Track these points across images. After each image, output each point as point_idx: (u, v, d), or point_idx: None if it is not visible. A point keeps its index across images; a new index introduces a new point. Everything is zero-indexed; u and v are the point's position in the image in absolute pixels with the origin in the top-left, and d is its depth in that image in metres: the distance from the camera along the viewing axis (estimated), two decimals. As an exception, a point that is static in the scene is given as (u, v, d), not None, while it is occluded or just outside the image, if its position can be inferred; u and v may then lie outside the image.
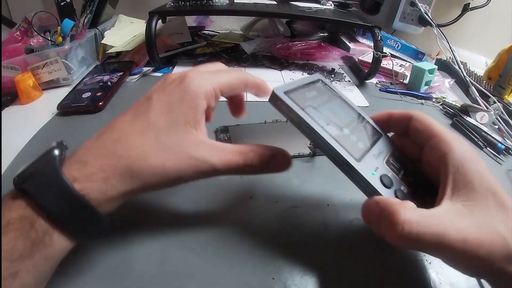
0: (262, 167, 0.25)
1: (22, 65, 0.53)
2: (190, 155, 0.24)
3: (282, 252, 0.28)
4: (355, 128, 0.27)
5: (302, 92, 0.27)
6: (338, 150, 0.24)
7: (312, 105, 0.26)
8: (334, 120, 0.26)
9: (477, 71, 0.66)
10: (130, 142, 0.23)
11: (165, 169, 0.23)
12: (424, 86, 0.58)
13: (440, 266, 0.27)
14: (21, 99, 0.51)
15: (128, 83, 0.56)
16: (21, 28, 0.63)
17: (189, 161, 0.23)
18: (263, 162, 0.25)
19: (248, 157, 0.25)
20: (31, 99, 0.52)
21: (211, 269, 0.26)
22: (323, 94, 0.28)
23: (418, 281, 0.26)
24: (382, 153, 0.27)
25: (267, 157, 0.25)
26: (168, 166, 0.23)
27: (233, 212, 0.31)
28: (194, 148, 0.24)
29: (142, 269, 0.26)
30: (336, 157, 0.24)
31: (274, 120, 0.44)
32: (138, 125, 0.24)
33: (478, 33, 0.79)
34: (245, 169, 0.25)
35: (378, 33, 0.54)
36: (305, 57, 0.65)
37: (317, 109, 0.26)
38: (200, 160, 0.24)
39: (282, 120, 0.43)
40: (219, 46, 0.68)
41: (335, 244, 0.29)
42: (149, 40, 0.54)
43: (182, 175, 0.23)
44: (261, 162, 0.25)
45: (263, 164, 0.25)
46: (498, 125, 0.50)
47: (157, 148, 0.23)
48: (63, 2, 0.63)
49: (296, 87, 0.26)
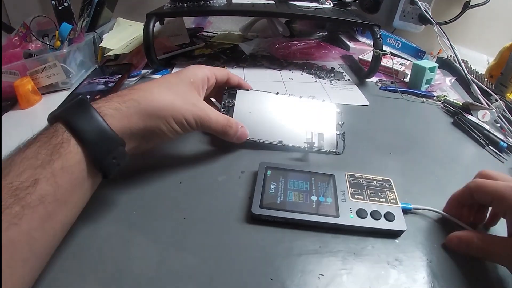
0: (234, 133, 0.37)
1: (21, 70, 0.53)
2: (193, 103, 0.33)
3: (280, 252, 0.27)
4: (316, 187, 0.32)
5: (268, 194, 0.31)
6: (322, 221, 0.29)
7: (280, 198, 0.31)
8: (300, 198, 0.31)
9: (478, 70, 0.65)
10: (151, 91, 0.31)
11: (174, 105, 0.31)
12: (425, 84, 0.57)
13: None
14: (21, 104, 0.51)
15: (127, 85, 0.55)
16: (19, 33, 0.63)
17: (192, 106, 0.33)
18: (234, 132, 0.37)
19: (229, 123, 0.36)
20: (31, 104, 0.52)
21: (209, 270, 0.26)
22: (278, 180, 0.33)
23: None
24: (345, 192, 0.32)
25: (236, 129, 0.37)
26: (176, 104, 0.31)
27: (232, 212, 0.31)
28: (196, 100, 0.34)
29: (140, 271, 0.26)
30: (321, 226, 0.29)
31: (287, 93, 0.43)
32: (157, 83, 0.33)
33: (479, 31, 0.79)
34: (226, 131, 0.36)
35: (378, 31, 0.53)
36: (304, 57, 0.64)
37: (286, 198, 0.31)
38: (200, 108, 0.34)
39: (295, 95, 0.43)
40: (218, 47, 0.67)
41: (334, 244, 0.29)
42: (147, 42, 0.54)
43: (186, 115, 0.32)
44: (233, 132, 0.37)
45: (235, 131, 0.37)
46: (500, 123, 0.49)
47: (169, 93, 0.32)
48: (61, 7, 0.63)
49: (261, 195, 0.31)
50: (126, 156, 0.28)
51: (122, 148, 0.28)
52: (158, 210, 0.31)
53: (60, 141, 0.25)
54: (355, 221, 0.30)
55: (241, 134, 0.38)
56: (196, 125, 0.33)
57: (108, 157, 0.26)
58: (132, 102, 0.29)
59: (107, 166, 0.27)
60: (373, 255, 0.28)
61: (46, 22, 0.65)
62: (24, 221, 0.21)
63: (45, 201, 0.22)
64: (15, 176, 0.22)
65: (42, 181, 0.23)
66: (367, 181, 0.34)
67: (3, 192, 0.21)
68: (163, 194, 0.33)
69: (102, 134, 0.26)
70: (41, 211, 0.22)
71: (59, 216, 0.24)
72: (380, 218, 0.30)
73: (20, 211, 0.21)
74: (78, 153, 0.25)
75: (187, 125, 0.32)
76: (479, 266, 0.28)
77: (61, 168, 0.24)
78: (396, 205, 0.31)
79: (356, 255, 0.28)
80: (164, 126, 0.31)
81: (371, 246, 0.29)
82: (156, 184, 0.34)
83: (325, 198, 0.31)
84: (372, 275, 0.26)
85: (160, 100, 0.31)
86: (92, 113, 0.26)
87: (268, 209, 0.30)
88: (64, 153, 0.24)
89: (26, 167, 0.23)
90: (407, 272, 0.27)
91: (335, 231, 0.30)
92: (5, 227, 0.20)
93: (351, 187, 0.33)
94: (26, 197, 0.21)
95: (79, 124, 0.26)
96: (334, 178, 0.34)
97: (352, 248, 0.28)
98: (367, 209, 0.30)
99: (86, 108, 0.26)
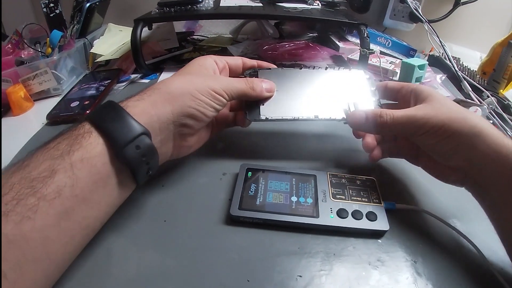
0: (260, 86, 0.35)
1: (13, 77, 0.54)
2: (210, 75, 0.34)
3: (258, 254, 0.27)
4: (296, 188, 0.32)
5: (247, 196, 0.31)
6: (301, 221, 0.29)
7: (259, 199, 0.31)
8: (279, 199, 0.31)
9: (471, 67, 0.64)
10: (169, 80, 0.31)
11: (193, 81, 0.30)
12: (415, 82, 0.57)
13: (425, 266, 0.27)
14: (13, 110, 0.52)
15: (116, 90, 0.56)
16: (12, 40, 0.64)
17: (212, 77, 0.33)
18: (260, 86, 0.35)
19: (249, 79, 0.35)
20: (23, 110, 0.52)
21: (187, 271, 0.26)
22: (258, 182, 0.33)
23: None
24: (326, 192, 0.32)
25: (259, 83, 0.35)
26: (195, 80, 0.31)
27: (211, 214, 0.31)
28: (212, 74, 0.34)
29: (119, 272, 0.26)
30: (300, 226, 0.29)
31: (311, 66, 0.41)
32: (173, 75, 0.32)
33: (471, 28, 0.78)
34: (250, 85, 0.34)
35: (364, 30, 0.53)
36: (293, 58, 0.64)
37: (265, 199, 0.31)
38: (220, 77, 0.34)
39: (320, 67, 0.41)
40: (207, 51, 0.68)
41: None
42: (135, 47, 0.54)
43: (210, 84, 0.31)
44: (259, 86, 0.35)
45: (259, 84, 0.35)
46: (493, 120, 0.49)
47: (187, 76, 0.32)
48: (53, 14, 0.63)
49: (240, 195, 0.31)
50: (153, 149, 0.26)
51: (146, 138, 0.26)
52: (140, 212, 0.31)
53: (81, 132, 0.24)
54: (335, 221, 0.29)
55: (267, 85, 0.36)
56: (224, 90, 0.31)
57: (130, 146, 0.25)
58: (153, 90, 0.29)
59: (132, 160, 0.25)
60: (354, 255, 0.28)
61: (38, 30, 0.66)
62: (38, 215, 0.20)
63: (62, 194, 0.21)
64: (34, 167, 0.21)
65: (60, 171, 0.22)
66: (350, 180, 0.33)
67: (21, 182, 0.20)
68: (145, 196, 0.33)
69: (122, 123, 0.25)
70: (58, 206, 0.21)
71: (77, 215, 0.22)
72: (361, 218, 0.30)
73: (35, 203, 0.20)
74: (100, 144, 0.24)
75: (215, 93, 0.31)
76: (467, 267, 0.27)
77: (81, 160, 0.23)
78: (379, 205, 0.31)
79: (336, 256, 0.28)
80: (192, 101, 0.29)
81: (352, 247, 0.29)
82: (138, 186, 0.34)
83: (305, 198, 0.31)
84: (352, 276, 0.26)
85: (178, 82, 0.30)
86: (116, 106, 0.26)
87: (246, 211, 0.30)
88: (85, 144, 0.23)
89: (46, 157, 0.22)
90: (389, 272, 0.27)
91: (315, 232, 0.29)
92: (18, 220, 0.19)
93: (333, 187, 0.32)
94: (42, 189, 0.20)
95: (101, 116, 0.25)
96: (315, 179, 0.33)
97: (332, 249, 0.28)
98: (348, 209, 0.30)
99: (111, 105, 0.26)
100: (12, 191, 0.20)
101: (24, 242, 0.19)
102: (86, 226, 0.24)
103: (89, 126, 0.25)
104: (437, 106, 0.29)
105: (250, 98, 0.35)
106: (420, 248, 0.29)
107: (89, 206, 0.23)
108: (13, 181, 0.20)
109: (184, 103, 0.29)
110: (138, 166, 0.26)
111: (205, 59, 0.35)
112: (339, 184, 0.33)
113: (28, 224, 0.19)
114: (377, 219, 0.30)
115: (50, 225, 0.20)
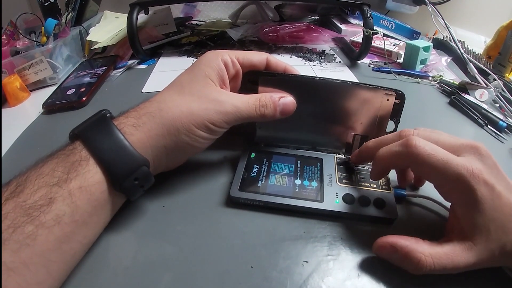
0: (274, 110, 0.30)
1: (8, 68, 0.53)
2: (212, 98, 0.28)
3: (261, 239, 0.26)
4: (301, 171, 0.31)
5: (249, 177, 0.30)
6: (303, 205, 0.28)
7: (261, 181, 0.30)
8: (283, 181, 0.30)
9: (476, 50, 0.63)
10: (165, 101, 0.27)
11: (191, 109, 0.27)
12: (420, 64, 0.55)
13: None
14: (10, 101, 0.51)
15: (113, 77, 0.55)
16: (7, 31, 0.62)
17: (212, 103, 0.27)
18: (274, 111, 0.30)
19: (261, 103, 0.29)
20: (19, 101, 0.51)
21: (188, 258, 0.25)
22: (261, 163, 0.32)
23: None
24: (332, 176, 0.31)
25: (274, 106, 0.30)
26: (193, 107, 0.27)
27: (212, 198, 0.30)
28: (216, 93, 0.28)
29: (116, 261, 0.25)
30: (303, 211, 0.28)
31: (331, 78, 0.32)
32: (171, 88, 0.29)
33: (476, 11, 0.76)
34: (262, 113, 0.29)
35: (367, 10, 0.52)
36: (294, 40, 0.62)
37: (267, 181, 0.30)
38: (223, 101, 0.28)
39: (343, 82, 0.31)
40: (205, 34, 0.66)
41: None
42: (131, 33, 0.52)
43: (209, 116, 0.27)
44: (272, 111, 0.29)
45: (275, 107, 0.30)
46: (499, 103, 0.47)
47: (184, 98, 0.27)
48: (47, 3, 0.62)
49: (241, 176, 0.30)
50: (150, 178, 0.26)
51: (145, 169, 0.25)
52: (137, 198, 0.30)
53: (78, 158, 0.23)
54: (341, 206, 0.28)
55: (284, 107, 0.30)
56: (225, 122, 0.28)
57: (129, 179, 0.24)
58: (147, 117, 0.26)
59: (129, 189, 0.25)
60: (363, 240, 0.26)
61: (33, 19, 0.65)
62: (38, 242, 0.20)
63: (62, 221, 0.21)
64: (29, 194, 0.21)
65: (58, 200, 0.21)
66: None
67: (16, 210, 0.20)
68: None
69: (122, 154, 0.24)
70: (58, 232, 0.21)
71: (78, 237, 0.22)
72: (369, 204, 0.28)
73: (34, 231, 0.20)
74: (97, 173, 0.23)
75: (214, 126, 0.27)
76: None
77: (79, 188, 0.22)
78: (388, 192, 0.29)
79: (343, 240, 0.27)
80: (186, 137, 0.27)
81: (361, 231, 0.27)
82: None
83: (310, 182, 0.30)
84: (361, 261, 0.25)
85: (174, 109, 0.27)
86: (112, 130, 0.24)
87: (247, 193, 0.29)
88: (82, 172, 0.23)
89: (41, 184, 0.21)
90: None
91: (320, 217, 0.28)
92: (16, 248, 0.19)
93: (340, 172, 0.31)
94: (40, 216, 0.20)
95: (98, 142, 0.24)
96: (321, 162, 0.32)
97: (340, 233, 0.27)
98: (354, 195, 0.29)
99: (107, 124, 0.25)
100: (7, 219, 0.19)
101: (24, 268, 0.19)
102: (88, 243, 0.24)
103: (85, 153, 0.24)
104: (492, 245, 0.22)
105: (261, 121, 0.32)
106: (429, 238, 0.27)
107: (88, 227, 0.23)
108: (7, 209, 0.20)
109: (178, 138, 0.27)
110: (135, 193, 0.26)
111: (214, 60, 0.29)
112: (346, 169, 0.31)
113: (27, 251, 0.19)
114: (385, 206, 0.28)
115: (51, 249, 0.20)
